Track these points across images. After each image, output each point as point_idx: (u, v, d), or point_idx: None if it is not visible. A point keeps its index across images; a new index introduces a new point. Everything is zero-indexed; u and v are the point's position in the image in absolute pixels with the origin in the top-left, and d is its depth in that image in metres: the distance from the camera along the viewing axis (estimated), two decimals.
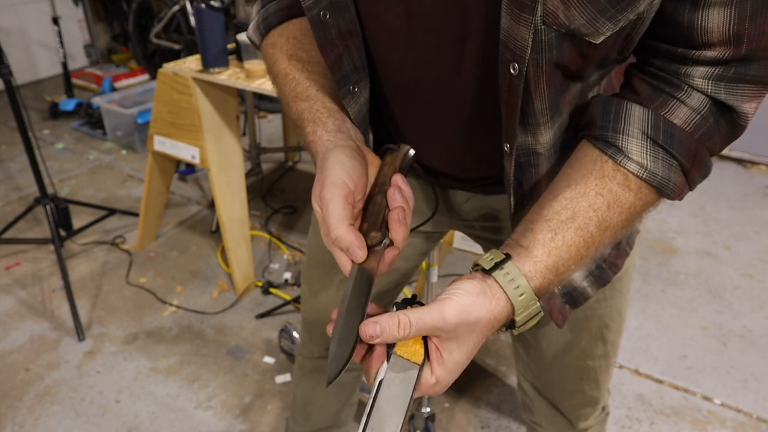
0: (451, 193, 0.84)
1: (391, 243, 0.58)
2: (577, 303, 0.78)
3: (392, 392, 0.49)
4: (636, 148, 0.56)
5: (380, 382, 0.50)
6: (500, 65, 0.55)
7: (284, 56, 0.72)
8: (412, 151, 0.65)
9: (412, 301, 0.55)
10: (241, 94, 2.85)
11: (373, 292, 0.55)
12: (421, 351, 0.51)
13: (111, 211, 2.49)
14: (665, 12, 0.52)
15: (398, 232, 0.58)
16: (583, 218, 0.56)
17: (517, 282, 0.53)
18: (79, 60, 4.49)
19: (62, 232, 2.21)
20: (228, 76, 1.79)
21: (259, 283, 2.17)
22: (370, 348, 0.53)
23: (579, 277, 0.75)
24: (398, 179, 0.60)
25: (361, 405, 1.65)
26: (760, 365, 1.84)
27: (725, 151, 3.06)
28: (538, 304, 0.55)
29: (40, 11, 4.03)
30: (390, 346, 0.51)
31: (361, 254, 0.55)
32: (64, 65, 3.73)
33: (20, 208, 2.50)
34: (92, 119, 3.44)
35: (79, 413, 1.66)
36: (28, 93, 3.98)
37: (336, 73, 0.65)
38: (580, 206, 0.56)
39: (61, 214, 2.17)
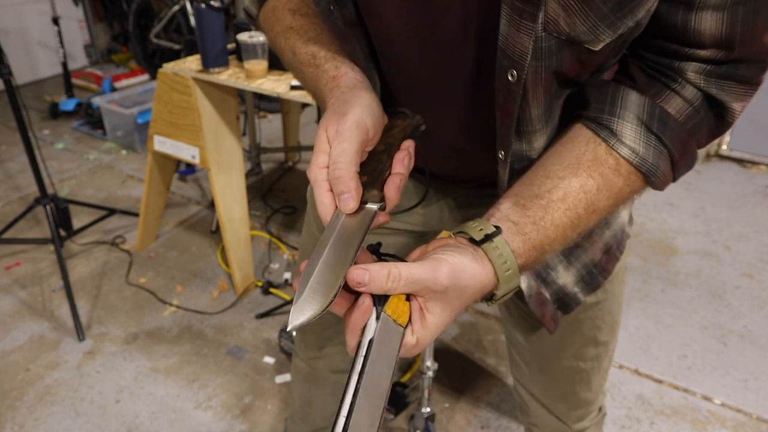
0: (445, 195, 0.85)
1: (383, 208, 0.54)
2: (568, 308, 0.78)
3: (382, 353, 0.47)
4: (630, 132, 0.56)
5: (370, 341, 0.47)
6: (498, 72, 0.55)
7: (288, 13, 0.70)
8: (423, 126, 0.62)
9: (378, 247, 0.54)
10: (241, 94, 2.85)
11: None
12: (407, 312, 0.49)
13: (111, 211, 2.49)
14: (659, 13, 0.53)
15: (393, 198, 0.55)
16: (574, 199, 0.55)
17: (505, 257, 0.52)
18: (79, 60, 4.49)
19: (62, 232, 2.21)
20: (228, 76, 1.79)
21: (259, 283, 2.17)
22: (354, 301, 0.49)
23: (570, 283, 0.75)
24: (411, 146, 0.58)
25: None
26: (760, 365, 1.84)
27: (725, 151, 3.07)
28: (519, 279, 0.54)
29: (40, 11, 4.03)
30: (379, 304, 0.48)
31: (353, 206, 0.51)
32: (64, 65, 3.73)
33: (20, 208, 2.50)
34: (92, 119, 3.44)
35: (79, 413, 1.66)
36: (28, 93, 3.97)
37: (360, 62, 0.65)
38: (571, 187, 0.56)
39: (61, 214, 2.16)
